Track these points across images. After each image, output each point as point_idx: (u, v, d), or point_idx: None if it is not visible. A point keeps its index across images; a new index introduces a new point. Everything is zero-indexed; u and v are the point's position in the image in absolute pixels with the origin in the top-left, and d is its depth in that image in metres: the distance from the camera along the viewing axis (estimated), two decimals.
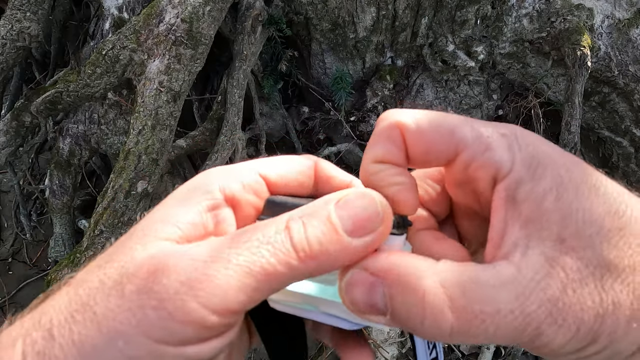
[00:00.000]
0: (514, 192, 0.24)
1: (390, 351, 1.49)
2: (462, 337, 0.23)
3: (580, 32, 1.40)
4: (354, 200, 0.24)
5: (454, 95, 1.74)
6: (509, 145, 0.25)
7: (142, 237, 0.25)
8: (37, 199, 1.91)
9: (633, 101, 1.51)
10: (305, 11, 1.53)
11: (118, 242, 0.26)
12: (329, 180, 0.31)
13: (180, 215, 0.26)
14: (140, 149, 1.19)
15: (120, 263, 0.24)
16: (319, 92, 1.76)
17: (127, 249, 0.24)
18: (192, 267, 0.22)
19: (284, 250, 0.23)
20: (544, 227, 0.23)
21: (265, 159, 0.30)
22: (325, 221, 0.24)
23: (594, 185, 0.24)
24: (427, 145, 0.26)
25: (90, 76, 1.27)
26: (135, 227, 0.26)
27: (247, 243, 0.23)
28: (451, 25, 1.55)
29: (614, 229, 0.23)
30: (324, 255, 0.23)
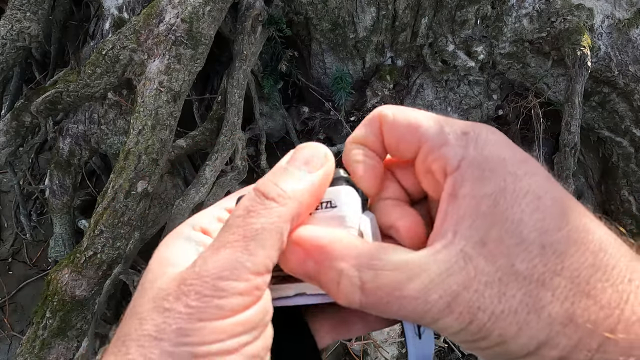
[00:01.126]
0: (457, 189, 0.26)
1: (390, 351, 1.49)
2: (370, 310, 0.26)
3: (580, 32, 1.40)
4: (302, 148, 0.30)
5: (454, 95, 1.74)
6: (465, 144, 0.27)
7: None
8: (37, 199, 1.91)
9: (633, 101, 1.51)
10: (305, 11, 1.53)
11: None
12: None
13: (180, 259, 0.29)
14: (140, 149, 1.19)
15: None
16: (319, 92, 1.76)
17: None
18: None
19: (261, 202, 0.27)
20: (472, 227, 0.25)
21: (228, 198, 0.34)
22: (281, 167, 0.29)
23: (540, 198, 0.25)
24: (397, 136, 0.30)
25: (90, 76, 1.27)
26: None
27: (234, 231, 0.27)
28: (451, 25, 1.55)
29: (536, 243, 0.24)
30: (294, 191, 0.27)
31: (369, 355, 1.49)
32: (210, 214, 0.32)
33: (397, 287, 0.25)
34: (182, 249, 0.29)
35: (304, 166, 0.29)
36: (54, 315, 1.19)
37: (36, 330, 1.19)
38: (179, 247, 0.29)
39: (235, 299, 0.24)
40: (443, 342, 1.62)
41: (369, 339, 1.48)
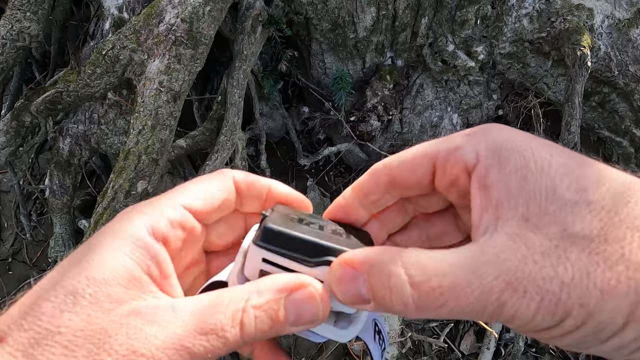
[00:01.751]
0: (484, 179, 0.26)
1: (390, 351, 1.49)
2: (426, 310, 0.24)
3: (580, 32, 1.40)
4: (304, 305, 0.27)
5: (454, 95, 1.74)
6: (474, 140, 0.28)
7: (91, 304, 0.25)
8: (37, 199, 1.91)
9: (633, 101, 1.51)
10: (305, 11, 1.53)
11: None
12: (252, 186, 0.33)
13: (119, 271, 0.27)
14: (140, 149, 1.19)
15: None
16: (319, 92, 1.76)
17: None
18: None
19: (233, 342, 0.26)
20: (511, 207, 0.24)
21: (184, 188, 0.31)
22: (274, 317, 0.26)
23: (564, 164, 0.25)
24: (409, 168, 0.30)
25: (90, 76, 1.27)
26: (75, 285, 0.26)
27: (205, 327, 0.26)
28: (451, 25, 1.55)
29: (581, 203, 0.23)
30: (263, 336, 0.27)
31: (369, 356, 1.49)
32: (167, 214, 0.29)
33: (446, 276, 0.24)
34: (127, 259, 0.27)
35: (293, 320, 0.28)
36: None
37: None
38: (124, 255, 0.27)
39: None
40: (443, 342, 1.62)
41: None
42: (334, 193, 1.95)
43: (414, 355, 1.66)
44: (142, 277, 0.27)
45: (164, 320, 0.25)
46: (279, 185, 0.34)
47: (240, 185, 0.33)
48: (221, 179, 0.32)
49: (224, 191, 0.32)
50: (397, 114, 1.76)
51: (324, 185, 1.95)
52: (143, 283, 0.27)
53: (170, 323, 0.25)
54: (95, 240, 0.28)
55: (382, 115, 1.70)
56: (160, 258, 0.28)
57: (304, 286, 0.27)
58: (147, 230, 0.28)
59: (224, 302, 0.26)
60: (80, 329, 0.24)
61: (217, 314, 0.25)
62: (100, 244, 0.27)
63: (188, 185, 0.32)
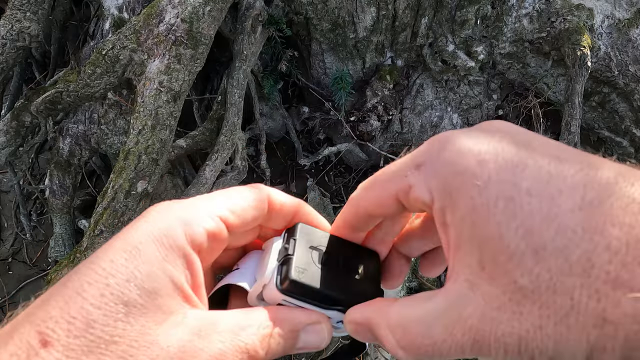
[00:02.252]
0: (443, 218, 0.26)
1: None
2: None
3: (580, 32, 1.40)
4: (313, 337, 0.31)
5: (454, 95, 1.74)
6: (425, 176, 0.27)
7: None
8: (37, 199, 1.91)
9: (633, 101, 1.51)
10: (305, 11, 1.53)
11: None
12: (283, 207, 0.34)
13: (167, 282, 0.28)
14: (140, 149, 1.19)
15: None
16: (319, 92, 1.76)
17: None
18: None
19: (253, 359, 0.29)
20: (467, 252, 0.25)
21: (220, 196, 0.32)
22: (291, 344, 0.30)
23: (513, 198, 0.23)
24: (376, 202, 0.31)
25: (90, 76, 1.27)
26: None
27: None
28: (451, 25, 1.55)
29: (528, 252, 0.22)
30: (277, 356, 0.30)
31: (369, 356, 1.49)
32: (204, 224, 0.29)
33: (425, 336, 0.26)
34: (172, 269, 0.27)
35: (301, 348, 0.32)
36: None
37: None
38: (169, 264, 0.27)
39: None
40: None
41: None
42: (334, 193, 1.95)
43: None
44: (185, 288, 0.28)
45: (207, 334, 0.27)
46: (306, 208, 0.35)
47: (274, 206, 0.33)
48: (259, 197, 0.33)
49: (259, 209, 0.32)
50: (397, 114, 1.76)
51: (324, 185, 1.95)
52: (187, 294, 0.28)
53: (214, 338, 0.27)
54: (134, 241, 0.27)
55: (382, 115, 1.70)
56: (195, 268, 0.29)
57: (319, 323, 0.31)
58: (186, 239, 0.28)
59: (255, 324, 0.29)
60: (135, 339, 0.24)
61: (250, 335, 0.28)
62: (142, 251, 0.27)
63: (230, 193, 0.32)
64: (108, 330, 0.24)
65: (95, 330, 0.24)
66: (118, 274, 0.26)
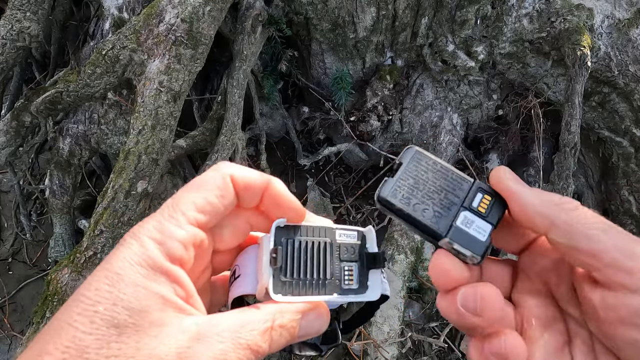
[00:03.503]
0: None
1: (390, 351, 1.49)
2: None
3: (580, 32, 1.40)
4: (313, 322, 0.33)
5: (454, 95, 1.74)
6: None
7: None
8: (37, 199, 1.91)
9: (633, 101, 1.51)
10: (305, 11, 1.53)
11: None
12: (250, 186, 0.34)
13: (154, 299, 0.29)
14: (140, 149, 1.19)
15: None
16: (319, 92, 1.76)
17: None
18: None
19: (262, 353, 0.30)
20: None
21: (184, 201, 0.32)
22: (292, 333, 0.32)
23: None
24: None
25: (90, 76, 1.27)
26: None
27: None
28: (451, 25, 1.55)
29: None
30: (281, 347, 0.32)
31: (369, 355, 1.49)
32: (176, 236, 0.30)
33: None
34: (156, 286, 0.28)
35: (302, 336, 0.34)
36: None
37: (36, 330, 1.19)
38: (152, 283, 0.28)
39: None
40: (443, 342, 1.62)
41: (369, 339, 1.48)
42: (334, 193, 1.95)
43: (414, 355, 1.66)
44: (175, 300, 0.29)
45: (206, 337, 0.28)
46: (277, 185, 0.35)
47: (238, 186, 0.33)
48: (219, 181, 0.33)
49: (226, 197, 0.33)
50: (397, 114, 1.76)
51: (324, 185, 1.95)
52: (178, 305, 0.29)
53: (213, 340, 0.28)
54: (115, 270, 0.28)
55: (382, 115, 1.70)
56: (181, 280, 0.29)
57: (317, 308, 0.33)
58: (163, 256, 0.29)
59: (255, 320, 0.30)
60: (131, 356, 0.25)
61: (251, 331, 0.29)
62: (123, 276, 0.28)
63: (187, 196, 0.32)
64: (102, 352, 0.25)
65: (90, 355, 0.25)
66: (104, 300, 0.26)
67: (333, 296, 0.35)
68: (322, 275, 0.35)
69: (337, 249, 0.36)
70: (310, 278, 0.34)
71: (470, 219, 0.35)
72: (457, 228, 0.34)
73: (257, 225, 0.36)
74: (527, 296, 0.35)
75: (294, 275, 0.34)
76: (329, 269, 0.35)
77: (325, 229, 0.37)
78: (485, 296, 0.32)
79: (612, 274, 0.28)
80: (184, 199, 0.31)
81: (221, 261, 0.37)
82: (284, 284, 0.33)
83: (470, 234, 0.34)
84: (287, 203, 0.35)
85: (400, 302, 1.54)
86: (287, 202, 0.35)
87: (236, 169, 0.34)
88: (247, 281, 0.35)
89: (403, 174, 0.36)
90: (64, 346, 0.25)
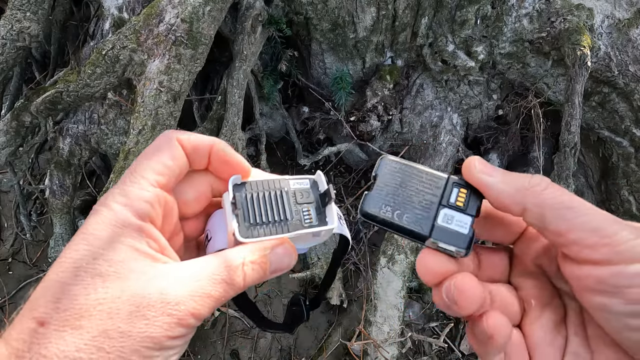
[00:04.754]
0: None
1: (390, 351, 1.49)
2: None
3: (580, 32, 1.40)
4: (282, 257, 0.36)
5: (454, 95, 1.74)
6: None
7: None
8: (37, 199, 1.91)
9: (633, 101, 1.51)
10: (305, 11, 1.53)
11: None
12: (197, 148, 0.37)
13: (131, 251, 0.32)
14: (140, 149, 1.19)
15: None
16: (319, 92, 1.76)
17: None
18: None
19: (238, 288, 0.33)
20: None
21: (142, 167, 0.35)
22: (264, 268, 0.35)
23: None
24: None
25: (90, 76, 1.27)
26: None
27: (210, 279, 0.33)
28: (451, 25, 1.55)
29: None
30: (256, 282, 0.35)
31: (369, 355, 1.49)
32: (142, 197, 0.33)
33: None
34: (131, 241, 0.31)
35: (274, 270, 0.38)
36: None
37: None
38: (127, 238, 0.31)
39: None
40: (443, 342, 1.62)
41: (369, 339, 1.48)
42: (334, 192, 1.95)
43: (414, 355, 1.66)
44: (149, 252, 0.32)
45: (184, 277, 0.31)
46: (220, 144, 0.38)
47: (186, 148, 0.36)
48: (169, 145, 0.36)
49: (177, 158, 0.36)
50: (397, 114, 1.76)
51: None
52: (152, 255, 0.32)
53: (190, 278, 0.31)
54: (90, 232, 0.31)
55: (382, 115, 1.70)
56: (153, 235, 0.33)
57: (282, 243, 0.36)
58: (133, 215, 0.32)
59: (226, 260, 0.33)
60: (117, 297, 0.29)
61: (226, 268, 0.33)
62: (100, 236, 0.31)
63: (144, 162, 0.35)
64: (91, 297, 0.28)
65: (79, 301, 0.28)
66: (85, 257, 0.30)
67: (296, 232, 0.37)
68: (283, 217, 0.38)
69: (293, 195, 0.39)
70: (273, 220, 0.37)
71: (450, 215, 0.36)
72: (439, 227, 0.36)
73: (218, 189, 0.40)
74: (525, 279, 0.38)
75: (257, 220, 0.37)
76: (289, 211, 0.38)
77: (280, 179, 0.40)
78: (459, 285, 0.34)
79: (578, 250, 0.31)
80: (141, 165, 0.35)
81: (191, 228, 0.40)
82: (249, 228, 0.36)
83: (452, 230, 0.36)
84: (232, 160, 0.38)
85: (400, 302, 1.54)
86: (232, 159, 0.38)
87: (182, 133, 0.37)
88: (218, 238, 0.38)
89: (380, 185, 0.38)
90: (55, 297, 0.28)
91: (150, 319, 0.28)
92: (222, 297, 0.32)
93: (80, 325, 0.27)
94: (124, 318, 0.28)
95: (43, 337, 0.27)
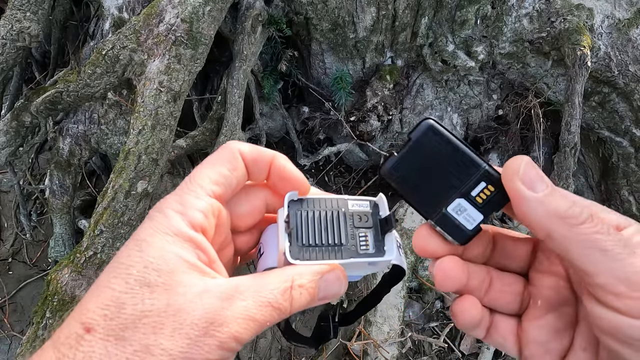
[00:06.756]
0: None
1: (390, 351, 1.49)
2: None
3: (580, 32, 1.40)
4: (332, 284, 0.34)
5: (454, 95, 1.74)
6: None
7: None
8: (37, 199, 1.91)
9: (633, 101, 1.51)
10: (305, 11, 1.53)
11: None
12: (258, 160, 0.37)
13: (180, 262, 0.32)
14: (140, 149, 1.19)
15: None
16: (319, 92, 1.76)
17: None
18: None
19: (284, 312, 0.32)
20: None
21: (201, 176, 0.35)
22: (312, 294, 0.34)
23: None
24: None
25: (90, 76, 1.27)
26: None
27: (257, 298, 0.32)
28: (451, 25, 1.55)
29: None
30: (303, 308, 0.34)
31: (369, 355, 1.49)
32: (197, 207, 0.33)
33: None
34: (182, 251, 0.31)
35: (322, 297, 0.36)
36: (54, 315, 1.19)
37: (36, 330, 1.19)
38: (178, 248, 0.31)
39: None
40: (443, 342, 1.62)
41: (369, 339, 1.48)
42: (334, 193, 1.95)
43: (414, 355, 1.66)
44: (198, 264, 0.31)
45: (230, 296, 0.30)
46: (281, 159, 0.37)
47: (247, 160, 0.36)
48: (230, 156, 0.35)
49: (237, 169, 0.35)
50: (397, 113, 1.76)
51: (324, 185, 1.95)
52: (201, 268, 0.32)
53: (236, 298, 0.30)
54: (143, 238, 0.31)
55: (382, 115, 1.70)
56: (204, 246, 0.32)
57: (334, 270, 0.35)
58: (186, 225, 0.32)
59: (275, 281, 0.32)
60: (163, 311, 0.29)
61: (272, 291, 0.32)
62: (152, 243, 0.31)
63: (203, 171, 0.35)
64: (138, 307, 0.29)
65: (127, 310, 0.28)
66: (136, 264, 0.30)
67: (350, 260, 0.35)
68: (337, 241, 0.36)
69: (350, 217, 0.37)
70: (326, 244, 0.36)
71: (463, 207, 0.35)
72: (446, 214, 0.35)
73: (273, 205, 0.39)
74: (543, 276, 0.37)
75: (310, 242, 0.35)
76: (344, 235, 0.36)
77: (338, 199, 0.38)
78: (441, 268, 0.35)
79: (603, 294, 0.30)
80: (199, 174, 0.34)
81: (243, 242, 0.40)
82: (301, 249, 0.35)
83: (457, 222, 0.35)
84: (291, 176, 0.37)
85: (400, 302, 1.54)
86: (291, 175, 0.37)
87: (244, 145, 0.36)
88: (269, 255, 0.37)
89: (410, 151, 0.35)
90: (104, 304, 0.29)
91: (193, 338, 0.28)
92: (266, 322, 0.31)
93: (123, 337, 0.28)
94: (167, 335, 0.28)
95: (88, 345, 0.28)
